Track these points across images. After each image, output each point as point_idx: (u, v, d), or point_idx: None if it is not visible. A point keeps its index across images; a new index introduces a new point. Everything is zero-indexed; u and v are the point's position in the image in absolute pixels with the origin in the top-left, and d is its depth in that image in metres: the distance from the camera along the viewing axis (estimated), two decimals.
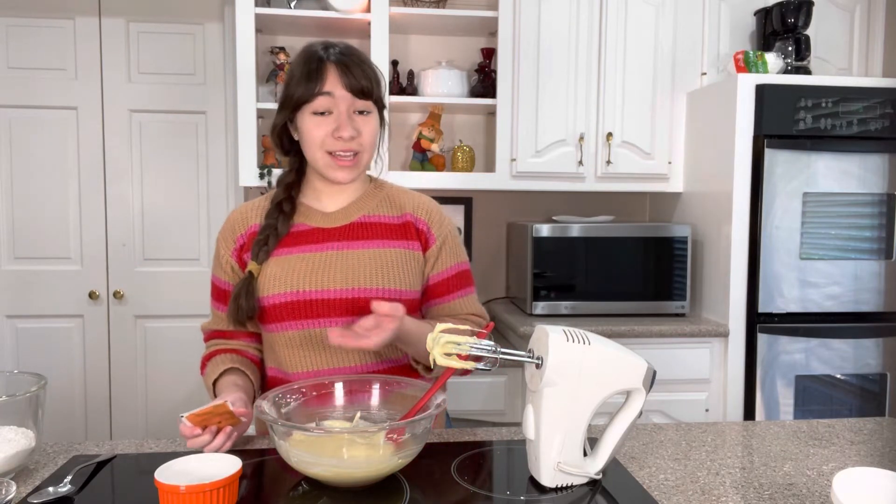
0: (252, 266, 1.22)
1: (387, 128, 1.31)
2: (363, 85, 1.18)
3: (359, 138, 1.20)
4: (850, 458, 1.13)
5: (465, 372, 1.25)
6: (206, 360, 1.28)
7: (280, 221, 1.24)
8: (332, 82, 1.17)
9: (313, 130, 1.19)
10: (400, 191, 1.34)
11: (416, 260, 1.27)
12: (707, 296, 2.53)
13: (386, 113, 1.30)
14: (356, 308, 1.20)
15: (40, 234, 2.83)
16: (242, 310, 1.19)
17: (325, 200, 1.29)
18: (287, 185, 1.29)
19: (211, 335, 1.32)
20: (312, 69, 1.18)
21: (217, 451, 1.03)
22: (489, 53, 2.70)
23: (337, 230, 1.25)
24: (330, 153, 1.20)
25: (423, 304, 1.31)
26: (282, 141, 1.28)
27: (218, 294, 1.29)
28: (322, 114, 1.19)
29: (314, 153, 1.21)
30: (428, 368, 1.23)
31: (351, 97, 1.18)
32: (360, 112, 1.20)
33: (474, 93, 2.69)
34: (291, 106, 1.21)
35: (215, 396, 1.20)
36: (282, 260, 1.23)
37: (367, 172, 1.35)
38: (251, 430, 2.20)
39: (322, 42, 1.23)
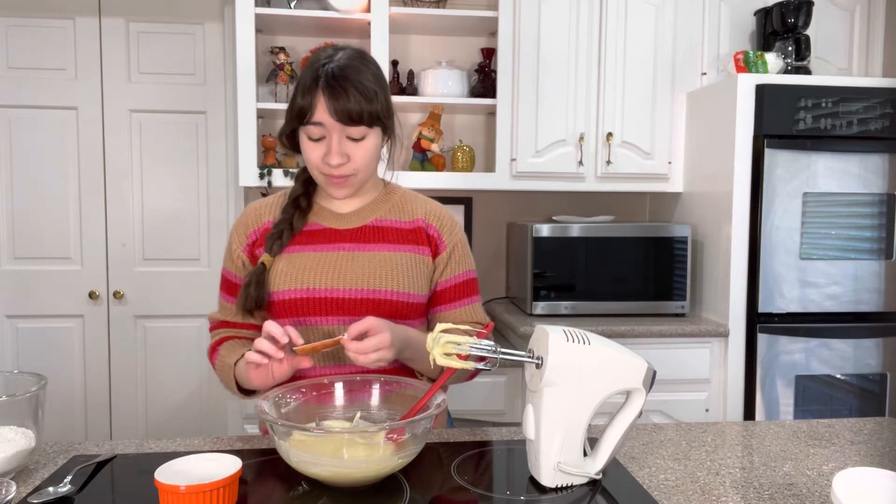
0: (265, 258, 1.23)
1: (397, 138, 1.29)
2: (351, 112, 1.14)
3: (349, 163, 1.19)
4: (850, 458, 1.13)
5: (472, 375, 1.25)
6: (217, 345, 1.29)
7: (296, 217, 1.26)
8: (321, 112, 1.15)
9: (309, 153, 1.21)
10: (412, 196, 1.35)
11: (425, 265, 1.28)
12: (707, 296, 2.53)
13: (396, 122, 1.27)
14: (364, 309, 1.21)
15: (40, 234, 2.83)
16: (251, 298, 1.20)
17: (337, 203, 1.31)
18: (305, 181, 1.31)
19: (218, 325, 1.33)
20: (307, 88, 1.16)
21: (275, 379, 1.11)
22: (489, 53, 2.70)
23: (349, 232, 1.27)
24: (325, 174, 1.22)
25: (428, 310, 1.32)
26: (293, 141, 1.27)
27: (228, 286, 1.31)
28: (317, 140, 1.19)
29: (312, 171, 1.24)
30: (433, 380, 1.23)
31: (341, 126, 1.16)
32: (354, 139, 1.18)
33: (474, 93, 2.69)
34: (293, 121, 1.21)
35: (235, 377, 1.22)
36: (293, 257, 1.24)
37: (381, 177, 1.37)
38: (253, 430, 2.20)
39: (326, 54, 1.20)
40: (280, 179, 2.48)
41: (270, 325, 1.08)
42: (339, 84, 1.15)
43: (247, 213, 1.32)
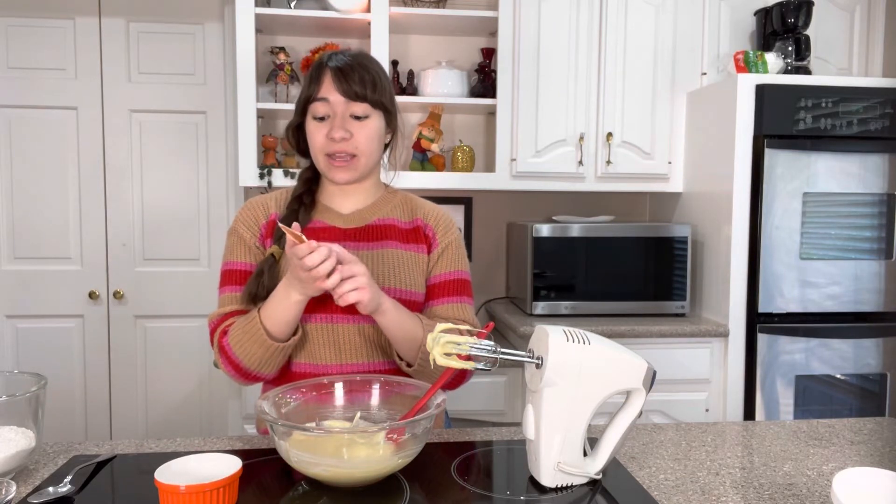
0: (274, 249, 1.22)
1: (399, 133, 1.33)
2: (356, 90, 1.21)
3: (352, 140, 1.22)
4: (850, 458, 1.13)
5: (462, 375, 1.23)
6: (228, 328, 1.20)
7: (301, 212, 1.27)
8: (328, 88, 1.22)
9: (314, 134, 1.24)
10: (412, 197, 1.38)
11: (424, 263, 1.30)
12: (707, 296, 2.53)
13: (399, 119, 1.31)
14: None
15: (40, 234, 2.83)
16: (264, 286, 1.19)
17: (340, 202, 1.32)
18: (306, 180, 1.32)
19: (225, 317, 1.24)
20: (314, 76, 1.24)
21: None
22: (489, 53, 2.70)
23: (353, 231, 1.28)
24: (328, 155, 1.23)
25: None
26: (298, 141, 1.31)
27: (238, 277, 1.26)
28: (322, 119, 1.23)
29: (315, 156, 1.26)
30: (410, 365, 1.22)
31: (345, 101, 1.21)
32: (358, 117, 1.22)
33: (474, 93, 2.69)
34: (299, 110, 1.27)
35: (263, 325, 1.16)
36: None
37: (382, 180, 1.38)
38: (251, 430, 2.20)
39: (333, 50, 1.28)
40: (280, 179, 2.48)
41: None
42: (346, 65, 1.22)
43: (252, 206, 1.31)
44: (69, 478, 0.98)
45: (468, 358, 0.97)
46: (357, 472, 0.93)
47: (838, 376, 2.36)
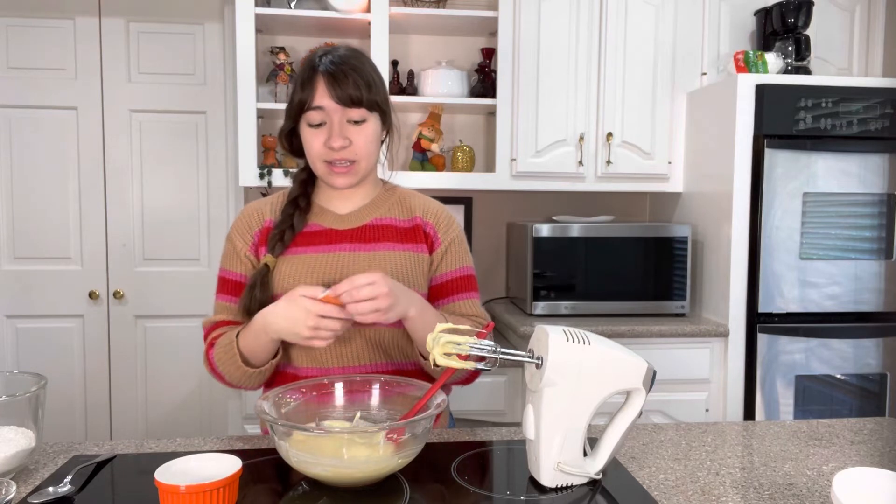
0: (268, 258, 1.23)
1: (396, 131, 1.32)
2: (351, 94, 1.18)
3: (351, 147, 1.21)
4: (850, 458, 1.13)
5: (471, 378, 1.23)
6: (215, 340, 1.23)
7: (296, 217, 1.26)
8: (322, 95, 1.19)
9: (310, 141, 1.22)
10: (411, 194, 1.36)
11: (424, 262, 1.29)
12: (707, 296, 2.53)
13: (394, 116, 1.30)
14: None
15: (40, 234, 2.83)
16: (256, 300, 1.19)
17: (337, 202, 1.31)
18: (302, 182, 1.31)
19: (216, 325, 1.27)
20: (305, 80, 1.21)
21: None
22: (489, 53, 2.70)
23: (349, 232, 1.28)
24: (327, 162, 1.22)
25: None
26: (291, 144, 1.30)
27: (230, 287, 1.28)
28: (318, 125, 1.21)
29: (313, 162, 1.25)
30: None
31: (341, 108, 1.19)
32: (355, 122, 1.21)
33: (474, 93, 2.69)
34: (293, 115, 1.24)
35: (239, 350, 1.18)
36: (296, 258, 1.24)
37: (379, 177, 1.37)
38: (255, 430, 2.20)
39: (323, 49, 1.25)
40: (280, 179, 2.48)
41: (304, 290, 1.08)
42: (338, 69, 1.19)
43: (247, 214, 1.31)
44: (69, 478, 0.98)
45: (469, 358, 0.97)
46: (357, 473, 0.93)
47: (838, 376, 2.37)
